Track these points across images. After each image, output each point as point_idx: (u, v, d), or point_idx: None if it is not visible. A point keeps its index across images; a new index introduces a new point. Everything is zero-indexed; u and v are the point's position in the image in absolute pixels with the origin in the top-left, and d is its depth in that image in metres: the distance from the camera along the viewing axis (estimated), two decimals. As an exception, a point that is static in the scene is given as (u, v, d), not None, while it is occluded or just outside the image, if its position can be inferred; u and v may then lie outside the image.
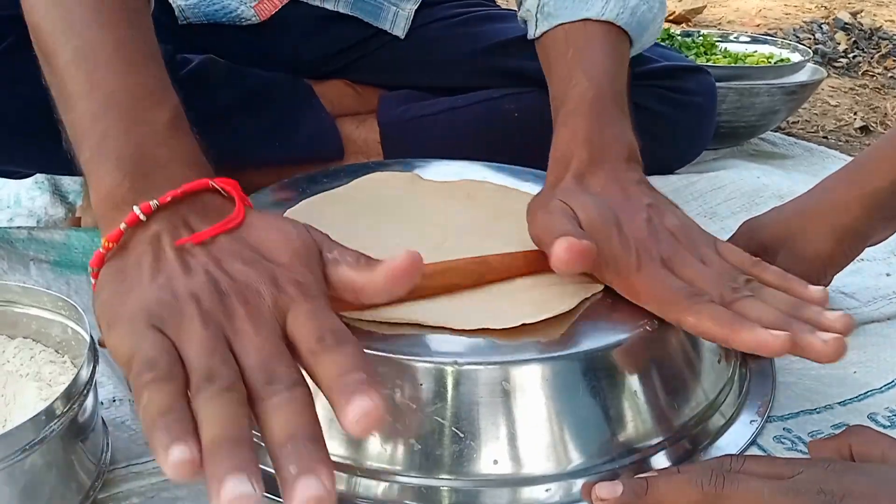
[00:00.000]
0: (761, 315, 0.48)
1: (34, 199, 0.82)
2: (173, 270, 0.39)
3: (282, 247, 0.41)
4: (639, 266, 0.50)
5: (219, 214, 0.42)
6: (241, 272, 0.39)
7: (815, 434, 0.55)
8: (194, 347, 0.35)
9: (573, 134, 0.58)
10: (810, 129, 1.34)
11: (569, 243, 0.48)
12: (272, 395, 0.34)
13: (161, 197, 0.41)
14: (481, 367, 0.46)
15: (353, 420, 0.33)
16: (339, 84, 0.95)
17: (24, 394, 0.48)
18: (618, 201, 0.54)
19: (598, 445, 0.47)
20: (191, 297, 0.37)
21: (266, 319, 0.37)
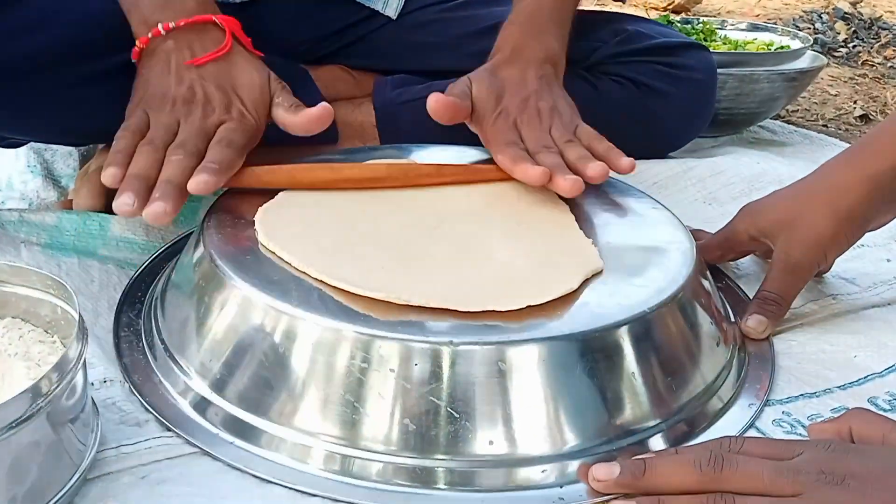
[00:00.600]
0: (545, 160, 0.62)
1: (26, 182, 0.81)
2: (170, 78, 0.63)
3: (246, 85, 0.65)
4: (494, 122, 0.66)
5: (216, 43, 0.65)
6: (211, 94, 0.63)
7: (815, 418, 0.54)
8: (154, 125, 0.61)
9: (505, 38, 0.73)
10: (810, 117, 1.33)
11: (436, 96, 0.66)
12: (172, 154, 0.59)
13: (177, 21, 0.63)
14: (477, 347, 0.45)
15: (191, 183, 0.57)
16: (334, 69, 0.94)
17: (13, 374, 0.47)
18: (511, 83, 0.68)
19: (595, 427, 0.47)
20: (172, 99, 0.63)
21: (206, 122, 0.62)
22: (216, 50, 0.64)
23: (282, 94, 0.66)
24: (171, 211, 0.55)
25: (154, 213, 0.55)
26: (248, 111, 0.64)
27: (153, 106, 0.62)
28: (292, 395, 0.47)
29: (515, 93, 0.68)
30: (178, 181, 0.57)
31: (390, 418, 0.45)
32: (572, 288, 0.50)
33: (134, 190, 0.56)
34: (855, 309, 0.67)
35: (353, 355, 0.46)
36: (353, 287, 0.48)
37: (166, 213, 0.55)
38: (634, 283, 0.53)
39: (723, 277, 0.69)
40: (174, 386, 0.52)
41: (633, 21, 0.91)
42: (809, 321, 0.64)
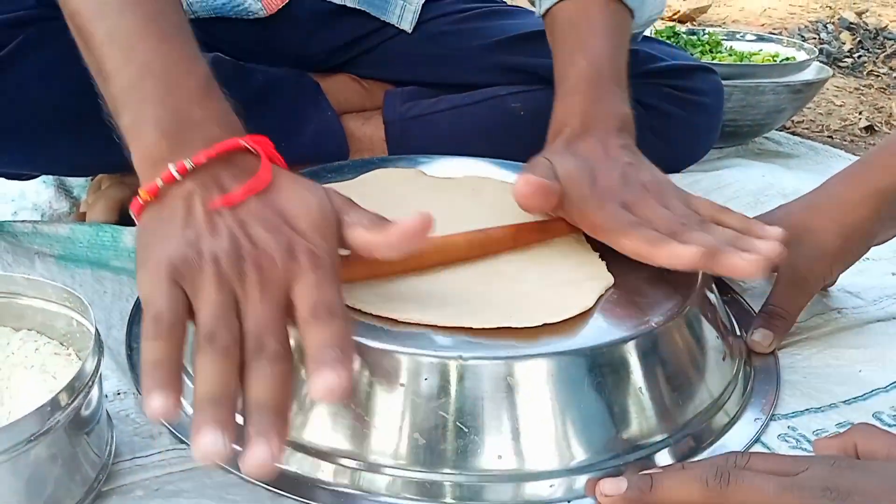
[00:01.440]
0: (695, 239, 0.52)
1: (39, 192, 0.82)
2: (201, 228, 0.43)
3: (303, 214, 0.45)
4: (601, 206, 0.55)
5: (250, 173, 0.46)
6: (261, 238, 0.43)
7: (820, 433, 0.55)
8: (204, 308, 0.41)
9: (569, 108, 0.63)
10: (815, 128, 1.34)
11: (527, 178, 0.54)
12: (256, 363, 0.40)
13: (195, 157, 0.44)
14: (486, 362, 0.46)
15: (317, 390, 0.39)
16: (345, 79, 0.94)
17: (29, 385, 0.48)
18: (598, 158, 0.58)
19: (603, 442, 0.47)
20: (211, 258, 0.42)
21: (273, 288, 0.42)
22: (253, 181, 0.45)
23: (351, 210, 0.47)
24: (279, 453, 0.38)
25: (257, 464, 0.38)
26: (317, 248, 0.44)
27: (185, 274, 0.42)
28: (303, 407, 0.48)
29: (608, 169, 0.57)
30: (276, 404, 0.39)
31: (400, 432, 0.46)
32: (587, 306, 0.50)
33: (218, 422, 0.38)
34: (860, 323, 0.67)
35: (362, 369, 0.46)
36: (364, 306, 0.49)
37: (273, 459, 0.38)
38: (641, 298, 0.54)
39: (728, 291, 0.70)
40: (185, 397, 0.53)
41: (642, 42, 0.91)
42: (815, 335, 0.65)
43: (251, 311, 0.41)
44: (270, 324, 0.41)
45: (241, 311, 0.41)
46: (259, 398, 0.39)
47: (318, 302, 0.41)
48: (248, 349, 0.40)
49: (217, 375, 0.39)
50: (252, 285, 0.42)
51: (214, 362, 0.40)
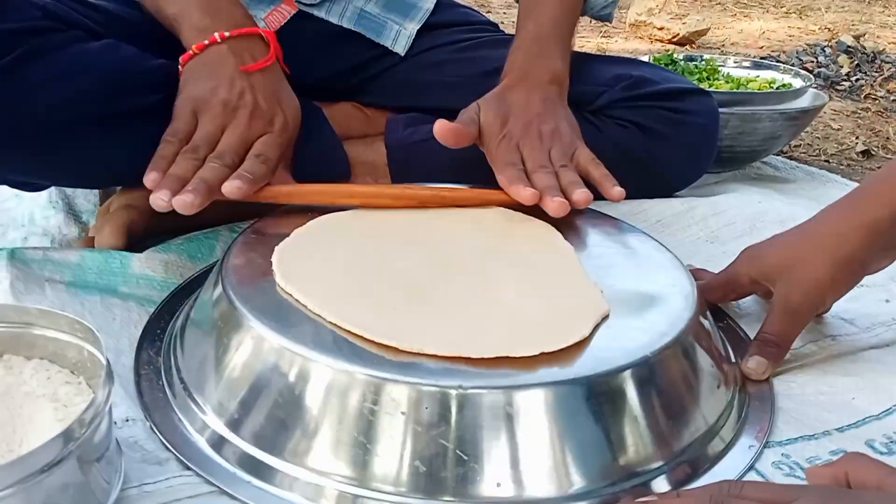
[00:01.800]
0: (538, 181, 0.68)
1: (48, 218, 0.83)
2: (223, 80, 0.69)
3: (287, 98, 0.73)
4: (499, 144, 0.72)
5: (262, 54, 0.72)
6: (259, 101, 0.70)
7: (813, 460, 0.56)
8: (201, 130, 0.68)
9: (511, 63, 0.79)
10: (812, 152, 1.35)
11: (441, 123, 0.72)
12: (211, 161, 0.66)
13: (233, 31, 0.70)
14: (485, 391, 0.47)
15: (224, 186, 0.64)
16: (347, 107, 0.96)
17: (41, 414, 0.49)
18: (517, 107, 0.74)
19: (600, 469, 0.48)
20: (221, 101, 0.69)
21: (247, 131, 0.68)
22: (265, 59, 0.71)
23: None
24: (198, 204, 0.62)
25: (182, 202, 0.62)
26: (288, 124, 0.70)
27: (203, 108, 0.68)
28: (306, 434, 0.49)
29: (520, 116, 0.73)
30: (210, 182, 0.64)
31: (401, 460, 0.47)
32: (584, 335, 0.52)
33: (170, 187, 0.63)
34: (854, 350, 0.68)
35: (364, 398, 0.48)
36: (366, 332, 0.50)
37: (192, 205, 0.62)
38: (637, 327, 0.55)
39: (724, 317, 0.71)
40: (192, 423, 0.54)
41: (638, 66, 0.93)
42: (809, 362, 0.66)
43: (226, 138, 0.67)
44: (233, 147, 0.67)
45: (221, 140, 0.67)
46: (201, 175, 0.64)
47: (262, 151, 0.68)
48: (210, 156, 0.66)
49: (185, 165, 0.65)
50: (237, 126, 0.68)
51: (186, 160, 0.65)
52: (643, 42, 2.20)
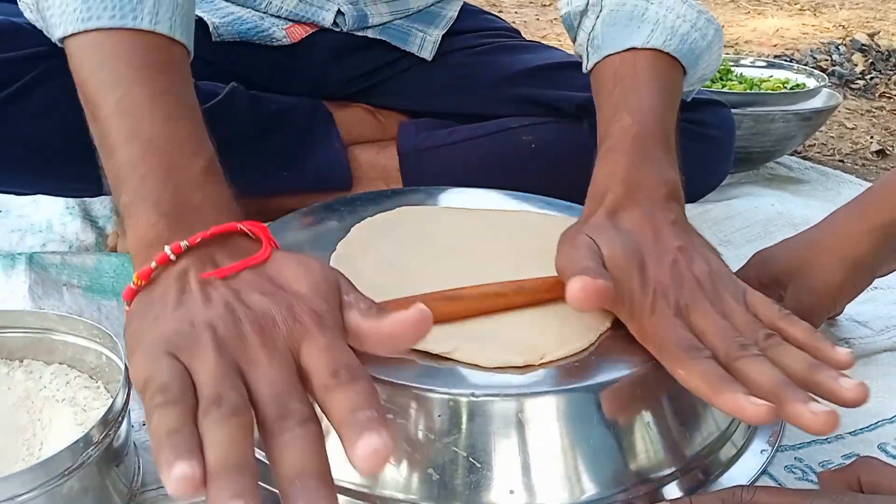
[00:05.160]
0: (758, 377, 0.46)
1: (66, 224, 0.84)
2: (194, 301, 0.40)
3: (302, 278, 0.42)
4: (652, 311, 0.49)
5: (245, 254, 0.44)
6: (258, 302, 0.40)
7: (826, 464, 0.56)
8: (205, 372, 0.37)
9: (611, 170, 0.58)
10: (826, 152, 1.35)
11: (583, 282, 0.47)
12: (284, 430, 0.35)
13: (191, 238, 0.43)
14: (497, 398, 0.47)
15: (362, 457, 0.34)
16: (359, 111, 0.97)
17: (60, 418, 0.50)
18: (647, 241, 0.53)
19: (612, 476, 0.49)
20: (207, 326, 0.39)
21: (280, 349, 0.38)
22: (251, 257, 0.43)
23: (351, 290, 0.44)
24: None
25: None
26: (319, 307, 0.41)
27: (181, 346, 0.38)
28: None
29: (657, 255, 0.52)
30: (321, 469, 0.35)
31: (413, 467, 0.47)
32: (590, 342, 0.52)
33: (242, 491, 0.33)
34: (867, 353, 0.68)
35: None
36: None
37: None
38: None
39: (736, 321, 0.71)
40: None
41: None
42: (822, 365, 0.66)
43: (263, 378, 0.37)
44: (289, 386, 0.37)
45: (249, 380, 0.37)
46: (298, 467, 0.34)
47: (337, 363, 0.38)
48: (267, 420, 0.36)
49: (232, 439, 0.34)
50: (256, 349, 0.38)
51: (225, 425, 0.34)
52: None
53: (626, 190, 0.56)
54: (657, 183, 0.57)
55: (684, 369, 0.47)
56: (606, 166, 0.58)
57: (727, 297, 0.52)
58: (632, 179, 0.56)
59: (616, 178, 0.57)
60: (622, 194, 0.56)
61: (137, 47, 0.49)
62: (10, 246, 0.82)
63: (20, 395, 0.51)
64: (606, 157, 0.59)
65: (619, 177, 0.57)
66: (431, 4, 0.96)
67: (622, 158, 0.58)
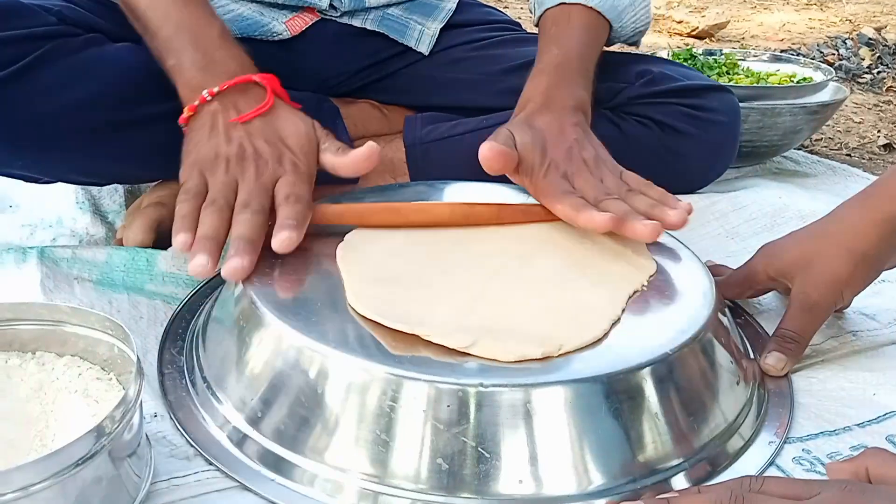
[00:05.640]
0: (612, 208, 0.62)
1: (76, 219, 0.85)
2: (220, 138, 0.65)
3: (293, 136, 0.66)
4: (545, 174, 0.66)
5: (258, 100, 0.66)
6: (260, 147, 0.64)
7: (834, 455, 0.56)
8: (212, 185, 0.62)
9: (535, 87, 0.75)
10: (833, 146, 1.34)
11: (490, 145, 0.65)
12: (240, 213, 0.60)
13: (220, 85, 0.66)
14: (506, 389, 0.47)
15: (276, 241, 0.58)
16: (365, 106, 0.97)
17: (73, 409, 0.51)
18: (551, 133, 0.69)
19: (620, 466, 0.49)
20: (224, 158, 0.64)
21: (263, 177, 0.63)
22: (259, 106, 0.66)
23: (327, 139, 0.67)
24: (248, 266, 0.57)
25: (232, 268, 0.57)
26: (299, 160, 0.64)
27: (207, 167, 0.63)
28: (327, 431, 0.50)
29: (558, 143, 0.69)
30: (251, 237, 0.58)
31: (422, 457, 0.48)
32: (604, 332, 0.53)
33: (207, 250, 0.58)
34: (875, 346, 0.68)
35: (384, 395, 0.48)
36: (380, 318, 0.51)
37: (244, 269, 0.57)
38: (656, 324, 0.56)
39: (742, 313, 0.71)
40: (214, 420, 0.55)
41: (658, 63, 0.93)
42: (830, 358, 0.66)
43: (243, 187, 0.62)
44: (255, 193, 0.61)
45: (239, 190, 0.62)
46: (238, 233, 0.58)
47: (290, 192, 0.61)
48: (236, 208, 0.60)
49: (210, 223, 0.59)
50: (248, 174, 0.63)
51: (211, 215, 0.60)
52: (662, 36, 2.19)
53: (543, 101, 0.72)
54: (568, 98, 0.73)
55: (560, 204, 0.64)
56: (531, 84, 0.76)
57: (605, 171, 0.69)
58: (549, 94, 0.73)
59: (538, 93, 0.74)
60: (540, 104, 0.72)
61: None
62: (21, 240, 0.82)
63: (33, 387, 0.52)
64: (533, 78, 0.77)
65: (541, 92, 0.74)
66: None
67: (544, 78, 0.75)
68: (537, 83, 0.75)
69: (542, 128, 0.69)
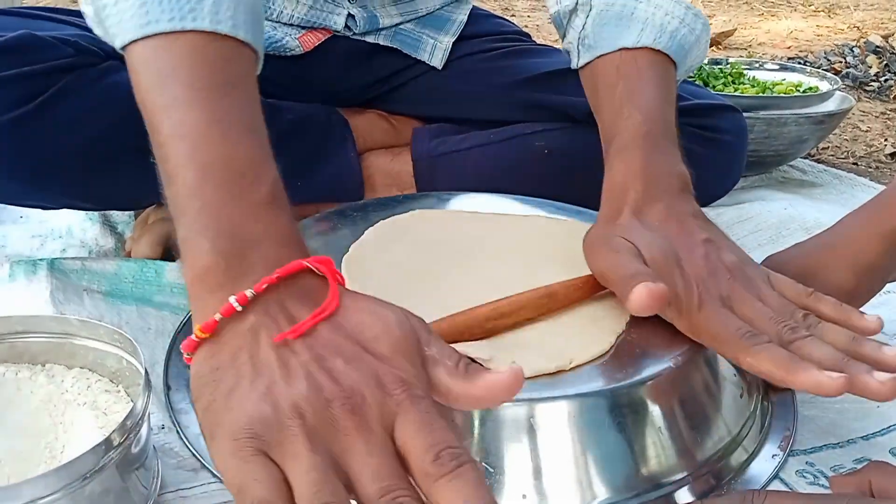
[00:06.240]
0: (819, 355, 0.50)
1: (85, 230, 0.86)
2: (272, 374, 0.37)
3: (382, 336, 0.39)
4: (700, 305, 0.52)
5: (315, 298, 0.40)
6: (343, 374, 0.37)
7: (838, 468, 0.56)
8: (302, 476, 0.34)
9: (627, 167, 0.59)
10: (840, 154, 1.34)
11: (648, 289, 0.49)
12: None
13: (257, 285, 0.39)
14: (510, 404, 0.47)
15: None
16: (374, 118, 0.97)
17: (81, 421, 0.51)
18: (676, 236, 0.55)
19: (624, 480, 0.49)
20: (294, 411, 0.36)
21: (376, 432, 0.36)
22: (322, 307, 0.39)
23: (433, 340, 0.40)
24: None
25: None
26: (406, 373, 0.38)
27: (271, 442, 0.35)
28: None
29: (689, 250, 0.55)
30: None
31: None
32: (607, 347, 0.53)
33: None
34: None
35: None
36: None
37: None
38: (659, 337, 0.56)
39: (748, 325, 0.71)
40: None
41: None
42: (834, 370, 0.66)
43: (363, 468, 0.35)
44: (394, 476, 0.34)
45: (348, 469, 0.35)
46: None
47: (437, 445, 0.35)
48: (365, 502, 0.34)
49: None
50: (352, 435, 0.35)
51: None
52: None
53: (646, 186, 0.58)
54: (672, 177, 0.59)
55: (751, 357, 0.50)
56: (622, 164, 0.60)
57: (759, 283, 0.55)
58: (649, 176, 0.58)
59: (634, 175, 0.58)
60: (643, 191, 0.57)
61: (197, 57, 0.45)
62: (31, 251, 0.83)
63: (42, 399, 0.53)
64: (620, 155, 0.60)
65: (637, 173, 0.58)
66: (440, 7, 0.97)
67: (637, 154, 0.59)
68: (628, 161, 0.59)
69: (660, 227, 0.56)
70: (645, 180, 0.58)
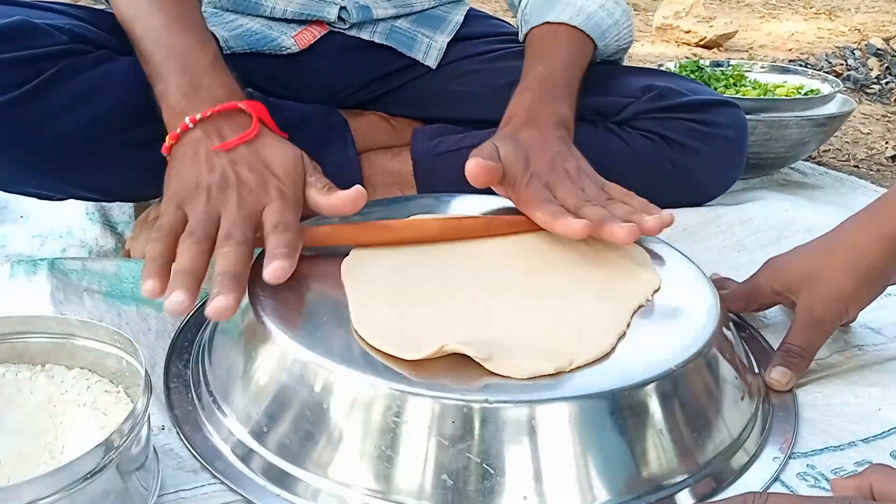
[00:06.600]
0: (590, 214, 0.63)
1: (85, 230, 0.86)
2: (201, 166, 0.61)
3: (280, 163, 0.63)
4: (527, 184, 0.67)
5: (244, 128, 0.63)
6: (245, 175, 0.61)
7: (838, 471, 0.56)
8: (191, 217, 0.58)
9: (519, 103, 0.76)
10: (841, 157, 1.34)
11: (475, 161, 0.66)
12: (223, 246, 0.56)
13: (202, 113, 0.63)
14: (510, 405, 0.48)
15: (267, 272, 0.55)
16: (373, 118, 0.98)
17: (81, 421, 0.51)
18: (533, 147, 0.71)
19: (624, 482, 0.49)
20: (205, 188, 0.60)
21: (247, 206, 0.59)
22: (244, 133, 0.62)
23: (314, 173, 0.64)
24: (234, 304, 0.53)
25: (217, 308, 0.52)
26: (285, 187, 0.61)
27: (187, 198, 0.59)
28: (331, 446, 0.50)
29: (541, 155, 0.70)
30: (235, 271, 0.54)
31: (426, 473, 0.48)
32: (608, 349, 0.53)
33: (184, 286, 0.53)
34: (880, 360, 0.68)
35: (389, 411, 0.48)
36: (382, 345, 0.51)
37: (229, 308, 0.52)
38: (661, 340, 0.56)
39: (746, 327, 0.71)
40: (220, 433, 0.55)
41: (664, 77, 0.93)
42: (835, 372, 0.66)
43: (226, 218, 0.58)
44: (238, 223, 0.57)
45: (221, 221, 0.57)
46: (222, 268, 0.54)
47: (279, 220, 0.58)
48: (218, 240, 0.56)
49: (188, 256, 0.55)
50: (231, 203, 0.59)
51: (189, 247, 0.56)
52: (670, 45, 2.19)
53: (527, 116, 0.74)
54: (552, 114, 0.75)
55: (539, 211, 0.65)
56: (516, 100, 0.77)
57: (587, 181, 0.70)
58: (532, 110, 0.75)
59: (522, 108, 0.76)
60: (524, 119, 0.74)
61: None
62: (31, 251, 0.83)
63: (42, 400, 0.53)
64: (518, 94, 0.78)
65: (525, 107, 0.75)
66: (436, 6, 0.97)
67: (528, 95, 0.77)
68: (521, 99, 0.77)
69: (525, 141, 0.71)
70: (527, 112, 0.75)
